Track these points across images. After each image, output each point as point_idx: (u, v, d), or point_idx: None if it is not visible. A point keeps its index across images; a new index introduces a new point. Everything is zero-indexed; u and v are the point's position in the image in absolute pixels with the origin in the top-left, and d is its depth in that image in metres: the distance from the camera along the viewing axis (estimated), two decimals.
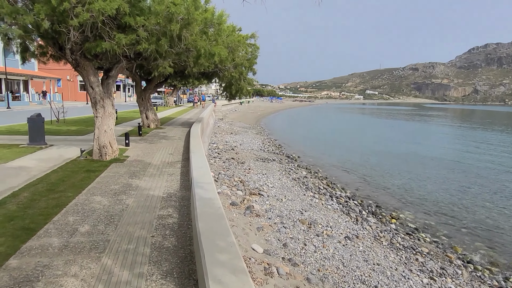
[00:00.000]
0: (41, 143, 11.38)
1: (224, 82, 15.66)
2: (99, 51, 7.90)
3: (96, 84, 9.36)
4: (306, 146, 29.67)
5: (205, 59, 9.44)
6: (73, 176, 7.43)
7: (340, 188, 16.88)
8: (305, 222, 11.24)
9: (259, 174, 17.04)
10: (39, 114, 11.47)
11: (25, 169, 8.10)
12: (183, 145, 12.56)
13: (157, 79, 17.62)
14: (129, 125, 19.70)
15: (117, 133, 15.32)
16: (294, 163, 21.42)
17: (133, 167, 8.63)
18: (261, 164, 19.54)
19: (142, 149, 11.52)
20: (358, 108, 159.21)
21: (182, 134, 15.94)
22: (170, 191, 6.50)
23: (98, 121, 9.52)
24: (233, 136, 30.33)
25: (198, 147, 9.54)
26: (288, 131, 41.82)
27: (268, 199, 12.94)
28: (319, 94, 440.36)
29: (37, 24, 7.10)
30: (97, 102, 9.45)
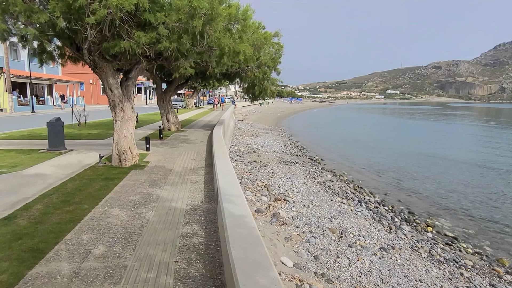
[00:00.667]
0: (60, 148, 11.03)
1: (246, 82, 15.03)
2: (117, 50, 7.39)
3: (115, 86, 8.89)
4: (329, 147, 28.73)
5: (228, 58, 8.83)
6: (91, 185, 6.92)
7: (368, 193, 15.96)
8: (336, 231, 10.45)
9: (283, 178, 16.33)
10: (59, 118, 11.12)
11: (42, 176, 7.68)
12: (205, 149, 11.99)
13: (177, 81, 17.17)
14: (150, 128, 19.35)
15: (137, 137, 14.93)
16: (318, 166, 20.59)
17: (153, 174, 8.08)
18: (284, 167, 18.82)
19: (163, 153, 11.00)
20: (379, 108, 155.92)
21: (203, 137, 15.40)
22: (194, 203, 5.88)
23: (117, 125, 9.05)
24: (254, 138, 29.72)
25: (222, 152, 8.91)
26: (309, 132, 40.86)
27: (294, 206, 12.22)
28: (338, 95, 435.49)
29: (52, 23, 6.65)
30: (116, 105, 8.98)
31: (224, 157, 8.20)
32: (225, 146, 10.59)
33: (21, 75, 35.06)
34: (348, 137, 36.07)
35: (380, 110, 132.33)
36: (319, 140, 33.77)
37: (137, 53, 7.57)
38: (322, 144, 30.65)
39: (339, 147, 28.95)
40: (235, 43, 8.35)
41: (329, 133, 40.33)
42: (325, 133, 40.14)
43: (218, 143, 10.54)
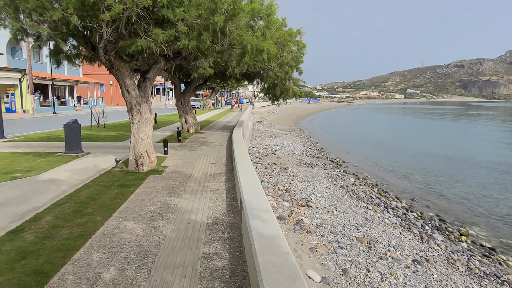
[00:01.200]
0: (77, 151, 10.73)
1: (267, 82, 14.44)
2: (134, 49, 6.95)
3: (132, 87, 8.47)
4: (349, 149, 27.83)
5: (251, 56, 8.29)
6: (105, 192, 6.49)
7: (394, 197, 15.14)
8: (363, 241, 9.76)
9: (305, 182, 15.68)
10: (75, 120, 10.84)
11: (56, 182, 7.31)
12: (225, 153, 11.48)
13: (196, 81, 16.77)
14: (168, 129, 19.02)
15: (155, 139, 14.57)
16: (340, 168, 19.83)
17: (172, 180, 7.60)
18: (305, 170, 18.16)
19: (181, 157, 10.55)
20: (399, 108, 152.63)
21: (223, 140, 14.92)
22: (216, 215, 5.35)
23: (134, 128, 8.63)
24: (273, 139, 29.12)
25: (244, 157, 8.37)
26: (328, 133, 39.93)
27: (317, 212, 11.58)
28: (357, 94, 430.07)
29: (66, 20, 6.26)
30: (133, 107, 8.56)
31: (246, 162, 7.65)
32: (246, 150, 10.05)
33: (43, 77, 35.54)
34: (368, 138, 35.04)
35: (400, 110, 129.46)
36: (339, 141, 32.88)
37: (154, 52, 7.11)
38: (343, 146, 29.77)
39: (360, 149, 28.03)
40: (258, 41, 7.80)
41: (349, 134, 39.29)
42: (345, 134, 39.12)
43: (238, 146, 10.00)
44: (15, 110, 33.83)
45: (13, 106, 33.90)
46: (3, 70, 32.00)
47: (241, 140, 11.88)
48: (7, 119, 26.77)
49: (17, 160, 9.72)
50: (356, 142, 31.95)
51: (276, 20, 8.19)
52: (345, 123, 60.14)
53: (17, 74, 33.17)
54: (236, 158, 8.07)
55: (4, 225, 4.85)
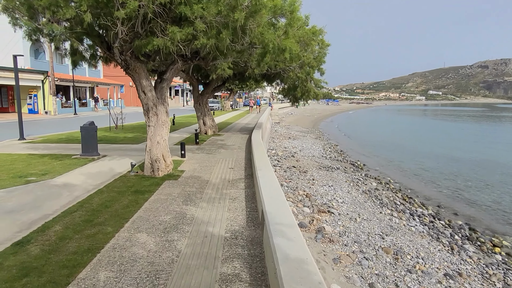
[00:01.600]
0: (93, 154, 10.52)
1: (288, 84, 13.96)
2: (150, 49, 6.61)
3: (148, 89, 8.15)
4: (370, 152, 26.98)
5: (272, 56, 7.85)
6: (119, 199, 6.16)
7: (419, 203, 14.38)
8: (390, 252, 9.14)
9: (325, 186, 15.11)
10: (92, 122, 10.63)
11: (69, 187, 7.05)
12: (244, 156, 11.06)
13: (215, 83, 16.43)
14: (186, 131, 18.77)
15: (173, 141, 14.29)
16: (361, 172, 19.12)
17: (188, 186, 7.23)
18: (325, 174, 17.57)
19: (199, 161, 10.18)
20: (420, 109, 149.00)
21: (241, 142, 14.51)
22: (235, 227, 4.91)
23: (150, 131, 8.31)
24: (292, 141, 28.59)
25: (264, 162, 7.92)
26: (348, 135, 39.00)
27: (340, 219, 11.02)
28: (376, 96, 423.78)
29: (80, 18, 5.97)
30: (149, 109, 8.24)
31: (267, 168, 7.20)
32: (266, 154, 9.60)
33: (65, 78, 36.07)
34: (389, 141, 34.00)
35: (421, 112, 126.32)
36: (359, 143, 32.01)
37: (171, 51, 6.76)
38: (363, 148, 28.91)
39: (381, 152, 27.13)
40: (279, 40, 7.35)
41: (369, 136, 38.28)
42: (365, 136, 38.13)
43: (258, 150, 9.56)
44: (38, 111, 34.43)
45: (35, 107, 34.51)
46: (27, 72, 32.59)
47: (261, 143, 11.44)
48: (30, 120, 27.21)
49: (33, 162, 9.57)
50: (377, 145, 31.03)
51: (299, 17, 7.72)
52: (365, 125, 58.85)
53: (39, 76, 33.76)
54: (256, 163, 7.63)
55: (10, 235, 4.55)
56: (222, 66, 13.02)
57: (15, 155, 10.75)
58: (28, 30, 7.15)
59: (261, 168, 7.18)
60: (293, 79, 13.46)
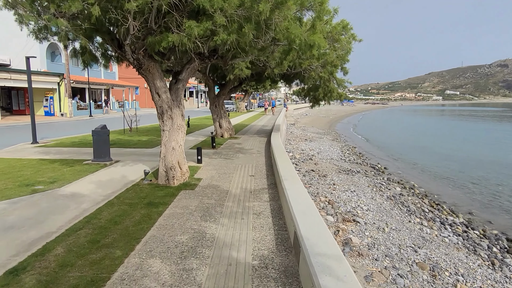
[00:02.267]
0: (105, 159, 9.96)
1: (309, 84, 13.18)
2: (165, 46, 5.96)
3: (163, 90, 7.51)
4: (390, 153, 25.88)
5: (298, 53, 7.13)
6: (130, 213, 5.51)
7: (449, 211, 13.38)
8: (426, 267, 8.26)
9: (348, 192, 14.25)
10: (104, 126, 10.08)
11: (77, 198, 6.45)
12: (264, 162, 10.33)
13: (231, 84, 15.77)
14: (201, 134, 18.17)
15: (188, 144, 13.68)
16: (382, 176, 18.14)
17: (206, 197, 6.54)
18: (345, 178, 16.70)
19: (216, 167, 9.50)
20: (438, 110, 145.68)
21: (260, 146, 13.79)
22: (263, 252, 4.19)
23: (165, 136, 7.66)
24: (309, 144, 27.73)
25: (290, 170, 7.17)
26: (366, 136, 37.83)
27: (366, 228, 10.17)
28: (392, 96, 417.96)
29: (87, 13, 5.37)
30: (164, 112, 7.60)
31: (294, 178, 6.45)
32: (290, 161, 8.84)
33: (80, 81, 36.05)
34: (409, 142, 32.76)
35: (438, 112, 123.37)
36: (378, 145, 30.87)
37: (188, 48, 6.08)
38: (382, 150, 27.81)
39: (401, 154, 25.99)
40: (306, 35, 6.61)
41: (387, 138, 37.03)
42: (383, 138, 36.90)
43: (281, 157, 8.81)
44: (54, 113, 34.48)
45: (51, 110, 34.58)
46: (43, 74, 32.65)
47: (282, 148, 10.70)
48: (46, 122, 27.15)
49: (43, 169, 9.06)
50: (397, 147, 29.87)
51: (328, 10, 6.97)
52: (382, 126, 57.37)
53: (55, 78, 33.80)
54: (281, 172, 6.89)
55: (5, 260, 3.94)
56: (240, 66, 12.33)
57: (25, 160, 10.29)
58: (33, 28, 6.60)
59: (287, 177, 6.44)
60: (314, 79, 12.69)
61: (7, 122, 27.35)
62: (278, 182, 7.07)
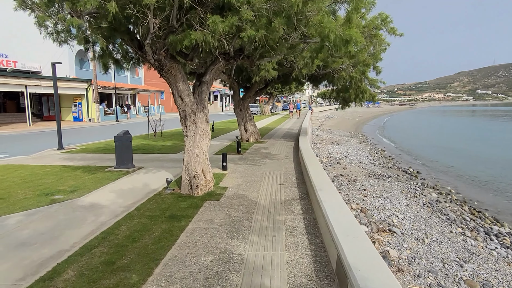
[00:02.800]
0: (128, 166, 9.61)
1: (339, 85, 12.44)
2: (187, 45, 5.47)
3: (186, 93, 7.04)
4: (422, 157, 24.49)
5: (330, 51, 6.49)
6: (150, 228, 5.02)
7: (492, 219, 12.23)
8: (475, 286, 7.38)
9: (380, 198, 13.35)
10: (127, 131, 9.75)
11: (96, 209, 6.05)
12: (293, 168, 9.69)
13: (256, 86, 15.24)
14: (226, 138, 17.71)
15: (213, 149, 13.22)
16: (416, 181, 17.04)
17: (233, 209, 5.98)
18: (376, 183, 15.75)
19: (243, 174, 8.95)
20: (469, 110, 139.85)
21: (287, 151, 13.16)
22: (300, 280, 3.56)
23: (188, 142, 7.18)
24: (336, 147, 26.78)
25: (324, 179, 6.51)
26: (395, 139, 36.34)
27: (404, 239, 9.32)
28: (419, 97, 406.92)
29: (104, 10, 4.95)
30: (187, 117, 7.12)
31: (330, 189, 5.79)
32: (322, 168, 8.16)
33: (107, 86, 36.58)
34: (441, 144, 31.07)
35: (469, 112, 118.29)
36: (408, 147, 29.43)
37: (212, 47, 5.57)
38: (413, 153, 26.43)
39: (434, 157, 24.54)
40: (341, 29, 5.96)
41: (417, 139, 35.39)
42: (414, 140, 35.29)
43: (312, 164, 8.14)
44: (82, 119, 35.09)
45: (80, 115, 35.20)
46: (71, 81, 33.31)
47: (312, 153, 10.04)
48: (74, 127, 27.56)
49: (65, 176, 8.79)
50: (428, 149, 28.36)
51: (366, 2, 6.27)
52: (411, 127, 55.27)
53: (83, 85, 34.40)
54: (314, 181, 6.24)
55: (10, 286, 3.51)
56: (266, 67, 11.77)
57: (48, 167, 10.10)
58: (51, 30, 6.28)
59: (322, 187, 5.79)
60: (345, 80, 11.95)
61: (37, 128, 27.92)
62: (311, 192, 6.43)
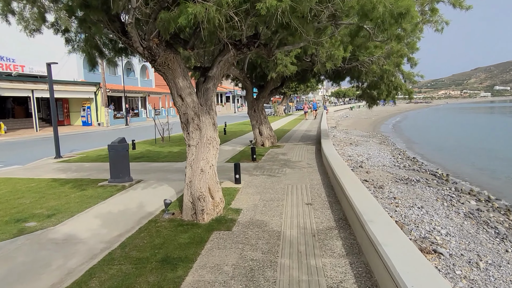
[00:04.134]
0: (125, 179, 8.15)
1: (368, 80, 10.71)
2: (183, 24, 3.96)
3: (187, 92, 5.52)
4: (448, 158, 22.25)
5: (373, 31, 4.91)
6: (132, 284, 3.52)
7: None
8: None
9: (414, 208, 11.57)
10: (123, 139, 8.29)
11: (70, 246, 4.57)
12: (320, 180, 8.08)
13: (272, 84, 13.66)
14: (239, 142, 16.17)
15: (224, 156, 11.67)
16: (447, 185, 15.11)
17: (249, 246, 4.42)
18: (405, 189, 13.92)
19: (259, 189, 7.37)
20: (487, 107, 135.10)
21: (309, 157, 11.54)
22: None
23: (191, 154, 5.64)
24: (355, 148, 24.91)
25: (367, 199, 4.91)
26: (415, 138, 34.07)
27: (454, 263, 7.55)
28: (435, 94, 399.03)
29: None
30: (189, 121, 5.60)
31: (385, 220, 4.18)
32: (359, 180, 6.53)
33: (117, 89, 35.55)
34: (467, 144, 28.72)
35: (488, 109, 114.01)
36: (431, 148, 27.17)
37: (218, 27, 4.04)
38: (438, 154, 24.16)
39: (461, 157, 22.32)
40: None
41: (440, 139, 33.02)
42: (436, 139, 32.94)
43: (346, 176, 6.52)
44: (91, 123, 34.11)
45: (89, 119, 34.23)
46: (79, 84, 32.35)
47: (342, 162, 8.43)
48: (82, 132, 26.50)
49: (48, 194, 7.37)
50: (454, 149, 26.10)
51: None
52: (430, 126, 52.54)
53: (92, 88, 33.41)
54: (357, 206, 4.63)
55: None
56: (284, 61, 10.21)
57: (35, 182, 8.73)
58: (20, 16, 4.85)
59: (371, 218, 4.17)
60: (375, 74, 10.30)
61: (44, 133, 26.97)
62: (353, 221, 4.83)
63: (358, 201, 4.80)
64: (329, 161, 8.20)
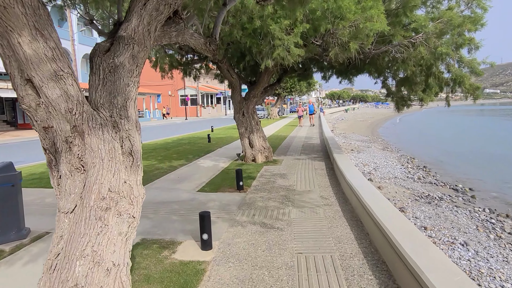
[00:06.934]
0: (9, 236, 4.62)
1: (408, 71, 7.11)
2: None
3: (48, 70, 2.09)
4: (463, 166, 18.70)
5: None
6: None
7: None
8: None
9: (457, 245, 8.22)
10: (9, 165, 4.77)
11: None
12: (353, 238, 4.63)
13: (266, 79, 10.12)
14: (224, 155, 12.61)
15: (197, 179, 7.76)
16: (477, 204, 11.71)
17: None
18: (432, 212, 10.48)
19: (245, 270, 3.87)
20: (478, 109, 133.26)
21: (321, 182, 8.04)
22: None
23: (62, 228, 2.19)
24: (358, 155, 21.43)
25: None
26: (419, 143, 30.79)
27: None
28: None
29: None
30: (58, 148, 2.17)
31: None
32: (432, 244, 3.13)
33: None
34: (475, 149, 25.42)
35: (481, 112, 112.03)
36: (440, 154, 23.63)
37: None
38: (449, 161, 20.61)
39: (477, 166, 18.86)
40: None
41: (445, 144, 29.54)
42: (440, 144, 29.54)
43: (399, 234, 3.09)
44: None
45: None
46: None
47: (381, 196, 5.02)
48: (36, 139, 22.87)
49: None
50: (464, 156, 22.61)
51: None
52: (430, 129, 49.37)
53: None
54: None
55: None
56: (285, 41, 6.77)
57: None
58: None
59: None
60: (417, 61, 6.90)
61: (4, 138, 23.33)
62: None
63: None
64: (367, 206, 4.71)
